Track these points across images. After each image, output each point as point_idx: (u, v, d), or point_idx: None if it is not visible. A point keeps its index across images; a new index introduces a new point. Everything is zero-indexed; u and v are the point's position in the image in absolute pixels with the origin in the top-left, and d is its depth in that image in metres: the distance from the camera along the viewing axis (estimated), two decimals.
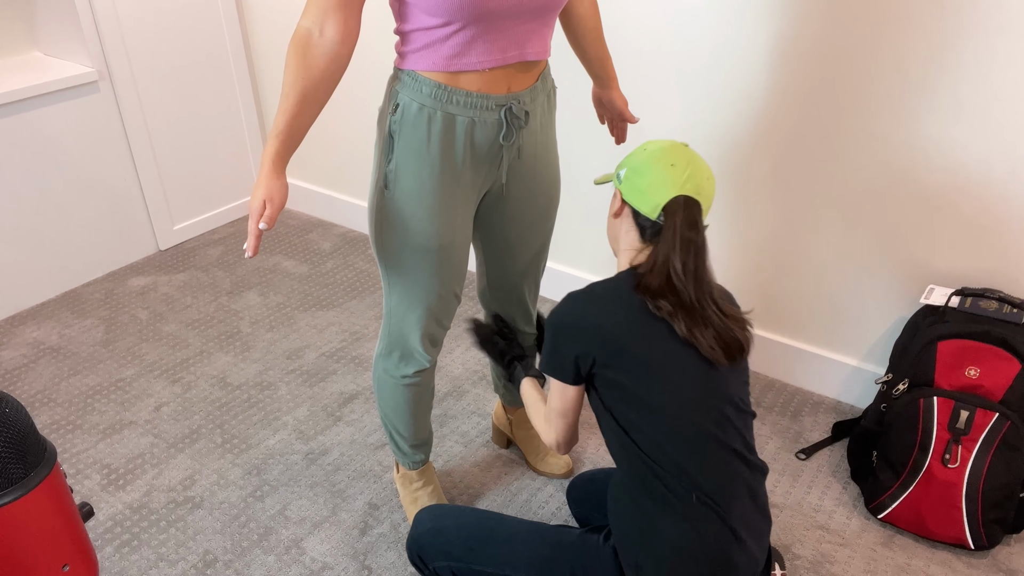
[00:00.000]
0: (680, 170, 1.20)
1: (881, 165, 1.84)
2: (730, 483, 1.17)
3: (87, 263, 2.73)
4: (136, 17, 2.60)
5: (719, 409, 1.18)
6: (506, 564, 1.26)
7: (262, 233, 1.20)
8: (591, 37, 1.53)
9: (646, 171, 1.21)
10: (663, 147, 1.23)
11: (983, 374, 1.63)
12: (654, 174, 1.21)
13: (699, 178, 1.21)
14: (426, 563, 1.33)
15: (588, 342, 1.18)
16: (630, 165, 1.24)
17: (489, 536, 1.29)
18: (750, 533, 1.19)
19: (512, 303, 1.67)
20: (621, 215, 1.27)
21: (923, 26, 1.66)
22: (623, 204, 1.26)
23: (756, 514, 1.21)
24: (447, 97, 1.27)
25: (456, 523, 1.32)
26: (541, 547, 1.26)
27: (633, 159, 1.25)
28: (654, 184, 1.20)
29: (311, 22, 1.19)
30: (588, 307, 1.19)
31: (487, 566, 1.27)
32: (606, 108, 1.66)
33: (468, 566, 1.28)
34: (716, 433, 1.17)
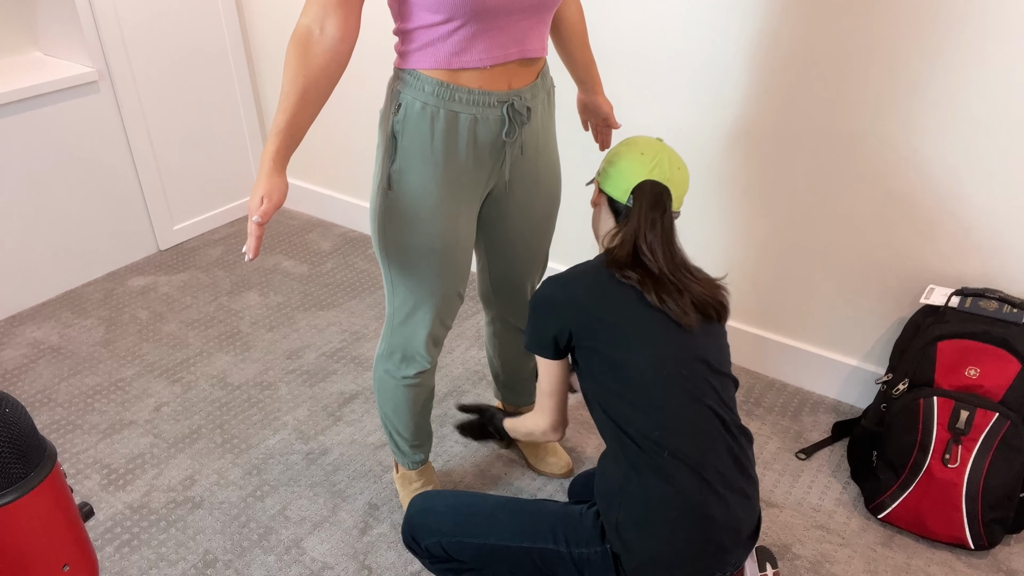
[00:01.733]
0: (649, 158, 1.32)
1: (881, 165, 1.84)
2: (704, 439, 1.21)
3: (87, 263, 2.73)
4: (136, 17, 2.60)
5: (690, 366, 1.24)
6: (491, 534, 1.31)
7: (262, 234, 1.20)
8: (577, 41, 1.53)
9: (618, 161, 1.34)
10: (636, 140, 1.36)
11: (983, 374, 1.63)
12: (625, 162, 1.33)
13: (667, 166, 1.32)
14: (418, 542, 1.37)
15: (562, 316, 1.28)
16: (607, 158, 1.38)
17: (475, 511, 1.34)
18: (729, 488, 1.21)
19: (515, 302, 1.67)
20: (599, 203, 1.39)
21: (920, 25, 1.66)
22: (599, 192, 1.38)
23: (735, 471, 1.23)
24: (449, 95, 1.27)
25: (444, 502, 1.37)
26: (524, 515, 1.31)
27: (611, 153, 1.38)
28: (624, 171, 1.33)
29: (311, 20, 1.19)
30: (562, 285, 1.29)
31: (474, 537, 1.32)
32: (591, 114, 1.67)
33: (457, 540, 1.33)
34: (687, 387, 1.22)
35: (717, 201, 2.12)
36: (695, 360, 1.24)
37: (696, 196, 2.15)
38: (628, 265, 1.27)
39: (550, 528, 1.28)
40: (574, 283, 1.29)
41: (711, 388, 1.24)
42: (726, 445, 1.23)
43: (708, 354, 1.27)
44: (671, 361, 1.22)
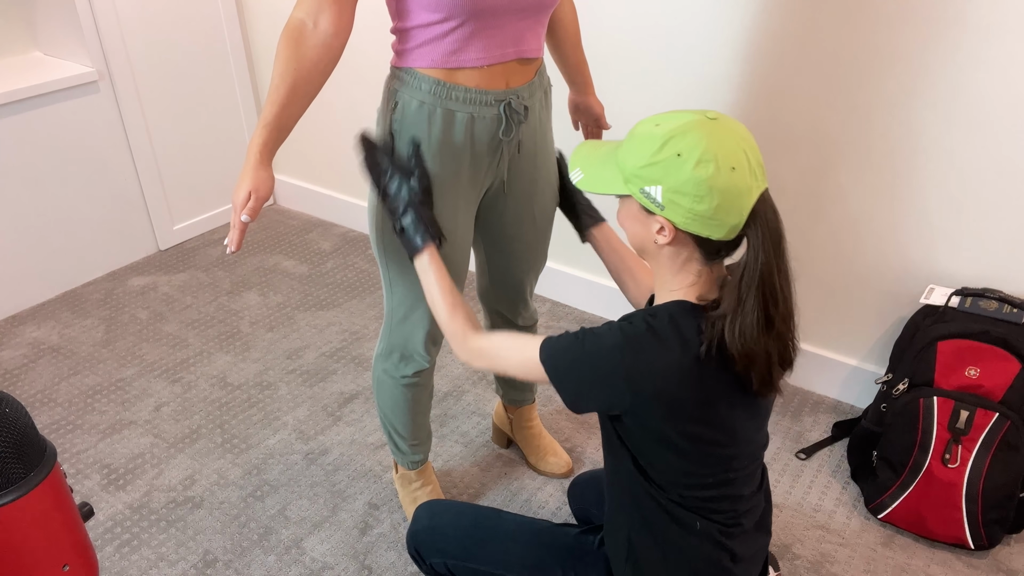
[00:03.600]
0: (744, 166, 0.95)
1: (880, 164, 1.84)
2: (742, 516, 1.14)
3: (87, 263, 2.73)
4: (136, 17, 2.60)
5: (755, 457, 1.11)
6: (500, 563, 1.26)
7: (246, 227, 1.19)
8: (570, 42, 1.54)
9: (707, 192, 0.94)
10: (706, 148, 0.94)
11: (983, 374, 1.63)
12: (721, 192, 0.94)
13: (755, 152, 0.97)
14: (423, 558, 1.33)
15: (620, 402, 1.01)
16: (668, 183, 0.96)
17: (485, 535, 1.28)
18: (749, 551, 1.17)
19: (513, 300, 1.67)
20: (673, 243, 1.01)
21: (919, 24, 1.66)
22: (676, 233, 0.99)
23: (758, 533, 1.18)
24: (446, 93, 1.27)
25: (453, 521, 1.31)
26: (536, 548, 1.26)
27: (669, 174, 0.96)
28: (725, 204, 0.95)
29: (305, 13, 1.19)
30: (636, 368, 0.99)
31: (482, 564, 1.27)
32: (582, 114, 1.67)
33: (463, 564, 1.28)
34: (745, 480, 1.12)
35: None
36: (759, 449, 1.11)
37: None
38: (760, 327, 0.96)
39: (560, 566, 1.23)
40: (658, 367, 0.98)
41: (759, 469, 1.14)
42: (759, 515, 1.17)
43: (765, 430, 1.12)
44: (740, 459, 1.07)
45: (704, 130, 0.95)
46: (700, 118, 0.97)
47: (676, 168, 0.95)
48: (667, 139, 0.96)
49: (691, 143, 0.95)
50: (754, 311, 0.96)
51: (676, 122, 0.97)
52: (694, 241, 1.00)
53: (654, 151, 0.97)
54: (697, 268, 1.03)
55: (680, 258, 1.02)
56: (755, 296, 0.96)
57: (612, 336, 1.01)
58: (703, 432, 1.03)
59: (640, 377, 0.99)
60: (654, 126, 0.99)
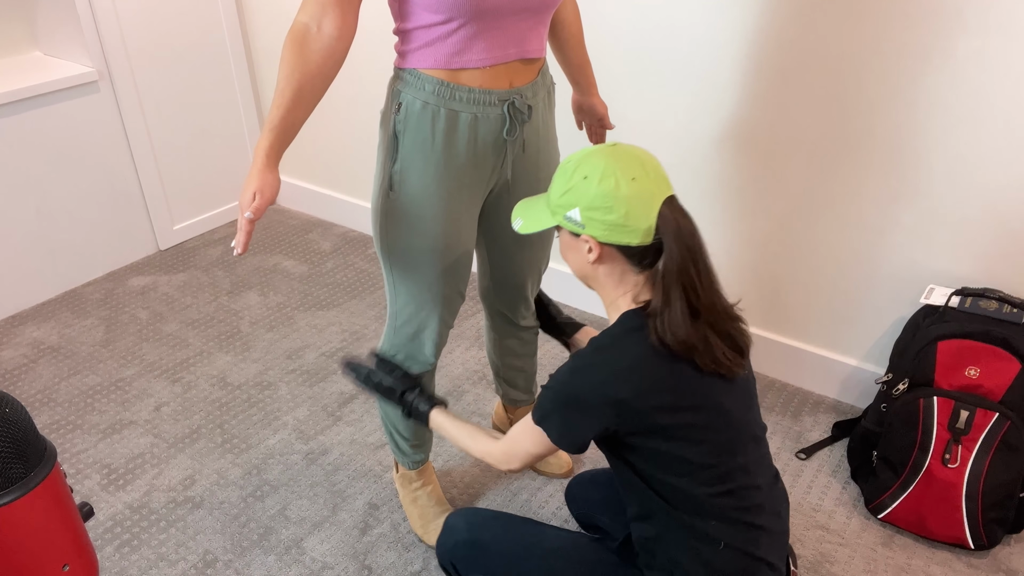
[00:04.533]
0: (644, 176, 1.08)
1: (880, 164, 1.84)
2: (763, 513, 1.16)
3: (87, 263, 2.73)
4: (136, 17, 2.60)
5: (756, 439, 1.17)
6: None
7: (252, 229, 1.19)
8: (573, 42, 1.53)
9: (613, 202, 1.07)
10: (606, 166, 1.08)
11: (983, 374, 1.63)
12: (625, 199, 1.06)
13: (655, 166, 1.10)
14: (460, 574, 1.30)
15: (608, 417, 1.09)
16: (582, 203, 1.09)
17: (529, 552, 1.26)
18: (777, 554, 1.19)
19: (515, 300, 1.67)
20: (602, 258, 1.13)
21: (919, 24, 1.66)
22: (601, 248, 1.11)
23: (780, 533, 1.21)
24: (450, 94, 1.27)
25: (495, 536, 1.29)
26: (580, 564, 1.25)
27: (581, 195, 1.09)
28: (632, 211, 1.07)
29: (309, 17, 1.19)
30: (605, 377, 1.08)
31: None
32: (586, 114, 1.67)
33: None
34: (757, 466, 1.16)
35: (716, 201, 2.12)
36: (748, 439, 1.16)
37: (695, 196, 2.15)
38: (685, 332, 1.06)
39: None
40: (620, 373, 1.08)
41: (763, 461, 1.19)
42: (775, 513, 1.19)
43: (754, 421, 1.17)
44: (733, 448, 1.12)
45: (603, 153, 1.10)
46: (601, 147, 1.12)
47: (585, 188, 1.09)
48: (576, 167, 1.11)
49: (593, 165, 1.09)
50: (678, 303, 1.07)
51: (582, 153, 1.13)
52: (620, 253, 1.12)
53: (567, 180, 1.12)
54: (633, 278, 1.14)
55: (616, 273, 1.14)
56: (677, 291, 1.07)
57: (573, 362, 1.12)
58: (694, 419, 1.09)
59: (608, 384, 1.08)
60: (567, 162, 1.14)
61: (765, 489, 1.17)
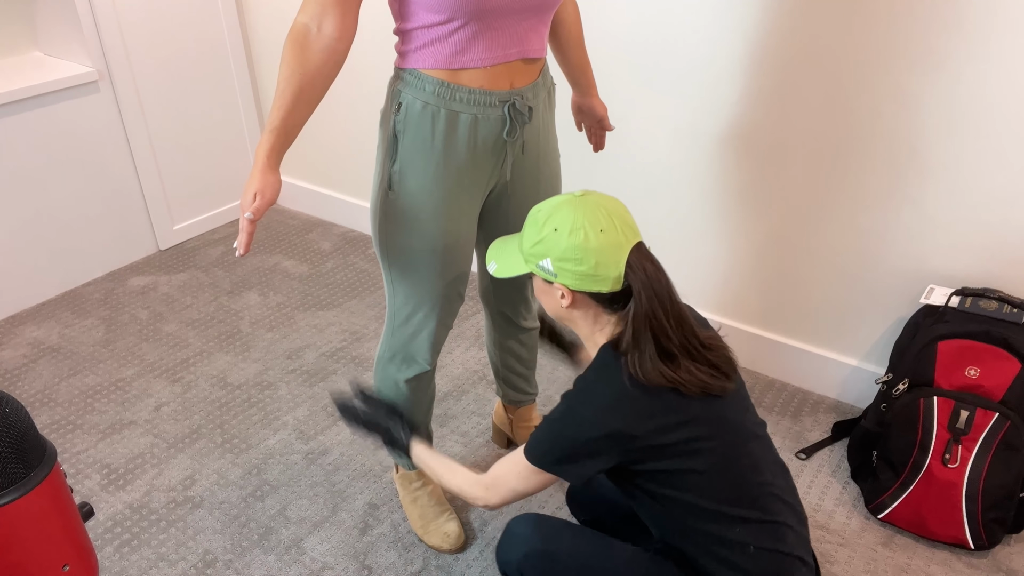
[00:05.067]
0: (611, 227, 1.11)
1: (880, 164, 1.84)
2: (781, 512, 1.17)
3: (87, 263, 2.73)
4: (136, 17, 2.60)
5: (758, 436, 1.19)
6: None
7: (254, 230, 1.19)
8: (573, 44, 1.53)
9: (583, 255, 1.11)
10: (575, 219, 1.12)
11: (983, 374, 1.63)
12: (595, 252, 1.10)
13: (621, 216, 1.14)
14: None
15: (610, 449, 1.12)
16: (554, 254, 1.13)
17: (602, 565, 1.25)
18: (804, 548, 1.21)
19: (515, 300, 1.67)
20: (575, 304, 1.17)
21: (919, 25, 1.66)
22: (573, 294, 1.16)
23: (801, 527, 1.22)
24: (450, 94, 1.27)
25: (567, 548, 1.27)
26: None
27: (552, 246, 1.13)
28: (602, 261, 1.11)
29: (309, 18, 1.19)
30: (593, 414, 1.12)
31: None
32: (585, 115, 1.67)
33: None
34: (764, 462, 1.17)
35: (716, 201, 2.12)
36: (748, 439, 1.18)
37: (696, 197, 2.15)
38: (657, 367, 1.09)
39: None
40: (610, 408, 1.11)
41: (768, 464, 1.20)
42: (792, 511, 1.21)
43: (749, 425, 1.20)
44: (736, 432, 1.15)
45: (571, 206, 1.13)
46: (570, 198, 1.15)
47: (555, 240, 1.13)
48: (546, 219, 1.14)
49: (563, 218, 1.12)
50: (648, 348, 1.10)
51: (552, 204, 1.16)
52: (591, 298, 1.15)
53: (538, 230, 1.15)
54: (606, 318, 1.17)
55: (590, 315, 1.18)
56: (647, 335, 1.10)
57: (563, 403, 1.15)
58: (692, 432, 1.12)
59: (602, 417, 1.11)
60: (536, 211, 1.17)
61: (778, 483, 1.19)
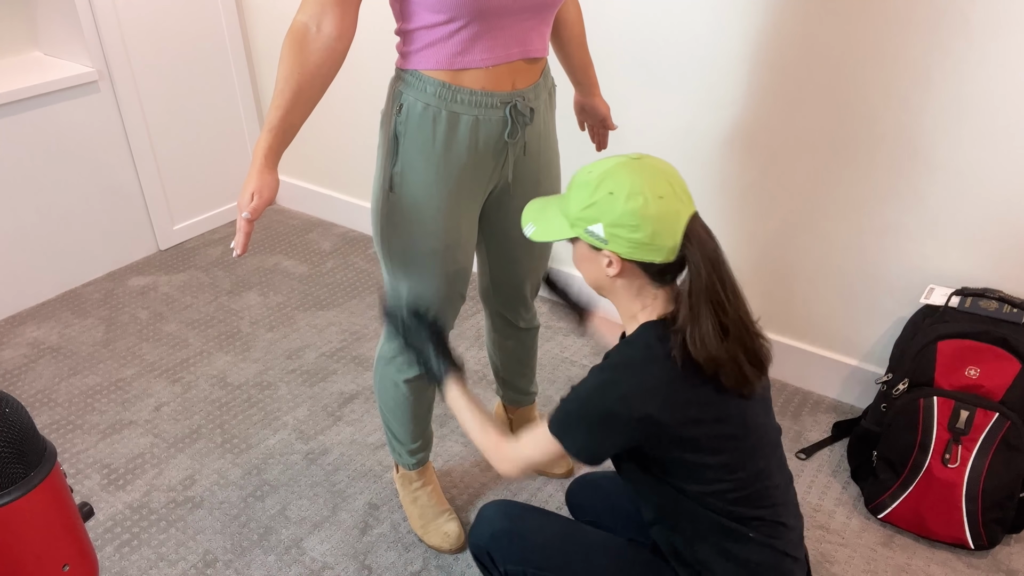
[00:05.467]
0: (671, 194, 1.05)
1: (881, 164, 1.84)
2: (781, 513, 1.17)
3: (87, 263, 2.73)
4: (136, 17, 2.60)
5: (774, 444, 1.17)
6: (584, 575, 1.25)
7: (251, 230, 1.19)
8: (575, 43, 1.53)
9: (641, 221, 1.04)
10: (633, 183, 1.05)
11: (983, 374, 1.63)
12: (653, 219, 1.04)
13: (680, 181, 1.08)
14: (497, 564, 1.29)
15: (635, 432, 1.07)
16: (607, 219, 1.06)
17: (569, 547, 1.26)
18: (797, 548, 1.20)
19: (514, 301, 1.67)
20: (622, 273, 1.11)
21: (922, 25, 1.66)
22: (623, 263, 1.09)
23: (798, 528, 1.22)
24: (451, 96, 1.27)
25: (534, 527, 1.28)
26: (621, 563, 1.24)
27: (606, 211, 1.06)
28: (659, 229, 1.05)
29: (308, 17, 1.19)
30: (631, 394, 1.06)
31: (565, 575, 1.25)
32: (588, 115, 1.67)
33: (544, 574, 1.25)
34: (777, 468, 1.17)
35: (717, 201, 2.12)
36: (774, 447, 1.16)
37: (696, 196, 2.15)
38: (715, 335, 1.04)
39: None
40: (645, 390, 1.06)
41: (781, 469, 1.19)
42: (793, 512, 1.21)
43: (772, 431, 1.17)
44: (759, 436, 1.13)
45: (630, 168, 1.06)
46: (626, 160, 1.08)
47: (611, 205, 1.06)
48: (600, 181, 1.07)
49: (620, 181, 1.06)
50: (708, 320, 1.05)
51: (606, 166, 1.09)
52: (641, 268, 1.09)
53: (590, 193, 1.08)
54: (652, 292, 1.12)
55: (634, 287, 1.12)
56: (706, 309, 1.05)
57: (595, 377, 1.10)
58: (718, 430, 1.09)
59: (635, 400, 1.06)
60: (587, 173, 1.10)
61: (783, 488, 1.19)
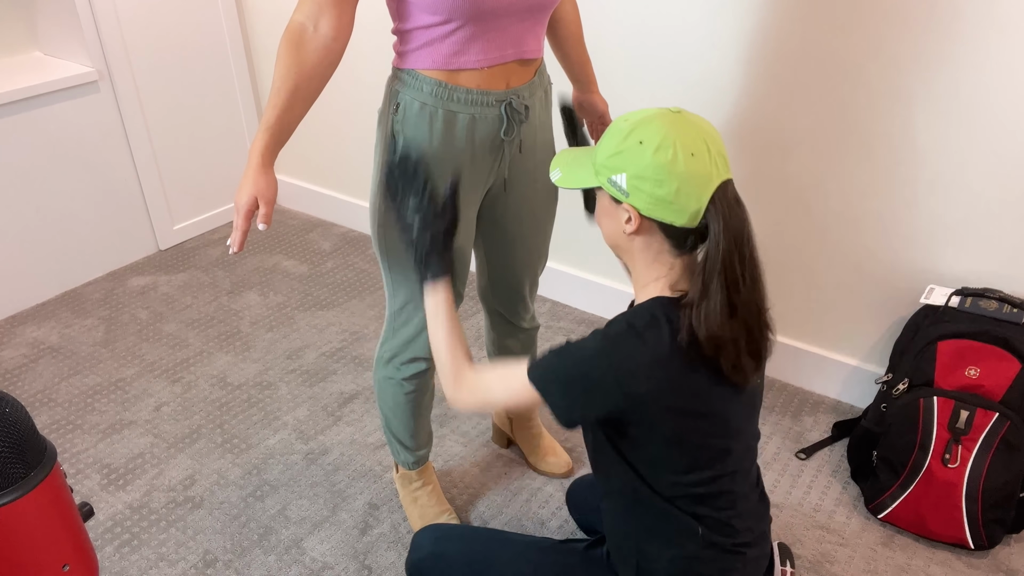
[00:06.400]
0: (704, 154, 0.98)
1: (881, 163, 1.84)
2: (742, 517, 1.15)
3: (87, 263, 2.73)
4: (136, 17, 2.60)
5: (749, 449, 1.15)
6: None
7: (248, 228, 1.20)
8: (572, 40, 1.53)
9: (666, 176, 0.97)
10: (666, 135, 0.98)
11: (983, 374, 1.63)
12: (680, 176, 0.97)
13: (718, 144, 1.00)
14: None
15: (618, 404, 1.02)
16: (631, 170, 1.00)
17: (493, 558, 1.26)
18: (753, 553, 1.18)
19: (513, 300, 1.67)
20: (640, 230, 1.04)
21: (919, 23, 1.66)
22: (642, 220, 1.02)
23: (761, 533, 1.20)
24: (448, 95, 1.27)
25: (458, 547, 1.28)
26: (546, 567, 1.24)
27: (632, 160, 1.00)
28: (684, 189, 0.98)
29: (305, 16, 1.19)
30: (626, 366, 1.00)
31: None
32: (587, 111, 1.67)
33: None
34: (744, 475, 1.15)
35: None
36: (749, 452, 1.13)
37: None
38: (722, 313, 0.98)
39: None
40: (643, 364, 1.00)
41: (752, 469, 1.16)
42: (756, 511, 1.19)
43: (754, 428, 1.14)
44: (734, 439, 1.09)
45: (665, 120, 1.00)
46: (664, 111, 1.02)
47: (638, 155, 0.99)
48: (632, 130, 1.01)
49: (652, 131, 0.99)
50: (717, 296, 0.98)
51: (641, 115, 1.02)
52: (661, 230, 1.03)
53: (619, 141, 1.02)
54: (669, 260, 1.05)
55: (651, 250, 1.05)
56: (718, 282, 0.98)
57: (595, 341, 1.03)
58: (699, 424, 1.05)
59: (629, 376, 1.01)
60: (623, 120, 1.04)
61: (747, 493, 1.16)
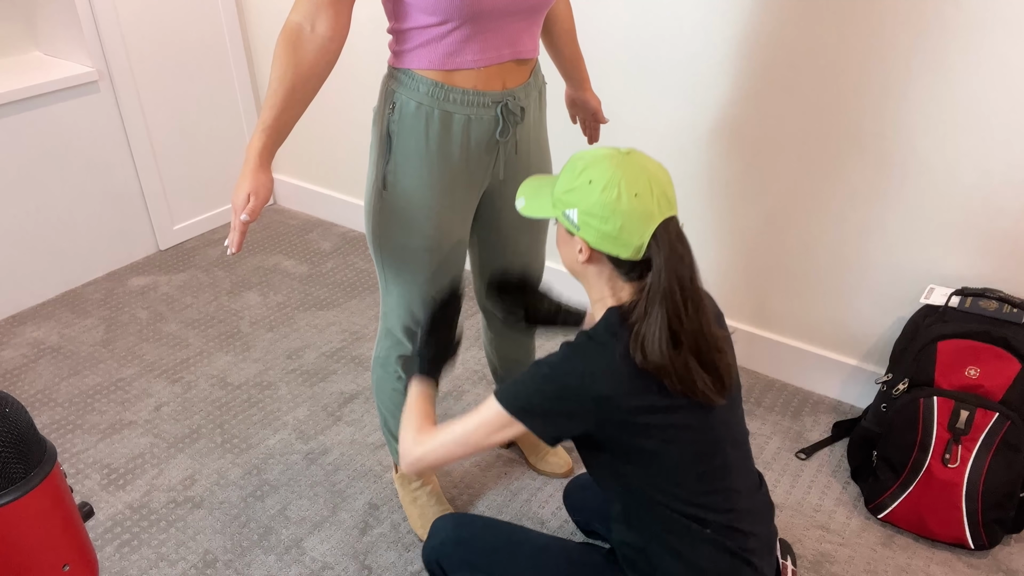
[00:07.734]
0: (648, 194, 1.06)
1: (880, 164, 1.84)
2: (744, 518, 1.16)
3: (87, 263, 2.73)
4: (136, 17, 2.60)
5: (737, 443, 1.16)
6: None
7: (246, 229, 1.20)
8: (566, 38, 1.54)
9: (611, 215, 1.06)
10: (612, 175, 1.06)
11: (983, 374, 1.63)
12: (623, 215, 1.05)
13: (662, 185, 1.08)
14: (446, 572, 1.30)
15: (591, 414, 1.08)
16: (582, 206, 1.08)
17: (516, 549, 1.26)
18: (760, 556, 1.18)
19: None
20: (592, 260, 1.12)
21: (915, 23, 1.66)
22: (591, 251, 1.11)
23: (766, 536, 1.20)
24: (444, 95, 1.27)
25: (481, 533, 1.29)
26: (568, 565, 1.24)
27: (582, 198, 1.08)
28: (628, 226, 1.06)
29: (302, 17, 1.19)
30: (591, 375, 1.07)
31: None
32: (579, 109, 1.67)
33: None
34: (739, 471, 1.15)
35: (715, 201, 2.12)
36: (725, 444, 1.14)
37: (694, 196, 2.15)
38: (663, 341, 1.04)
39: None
40: (603, 371, 1.07)
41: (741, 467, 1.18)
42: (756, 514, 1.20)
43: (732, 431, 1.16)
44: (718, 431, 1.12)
45: (614, 161, 1.08)
46: (615, 152, 1.10)
47: (587, 193, 1.07)
48: (584, 168, 1.09)
49: (601, 171, 1.07)
50: (657, 324, 1.05)
51: (593, 155, 1.11)
52: (609, 261, 1.11)
53: (573, 178, 1.10)
54: (621, 283, 1.13)
55: (603, 276, 1.14)
56: (658, 311, 1.05)
57: (559, 354, 1.10)
58: (675, 419, 1.09)
59: (594, 381, 1.07)
60: (579, 159, 1.12)
61: (746, 493, 1.17)
